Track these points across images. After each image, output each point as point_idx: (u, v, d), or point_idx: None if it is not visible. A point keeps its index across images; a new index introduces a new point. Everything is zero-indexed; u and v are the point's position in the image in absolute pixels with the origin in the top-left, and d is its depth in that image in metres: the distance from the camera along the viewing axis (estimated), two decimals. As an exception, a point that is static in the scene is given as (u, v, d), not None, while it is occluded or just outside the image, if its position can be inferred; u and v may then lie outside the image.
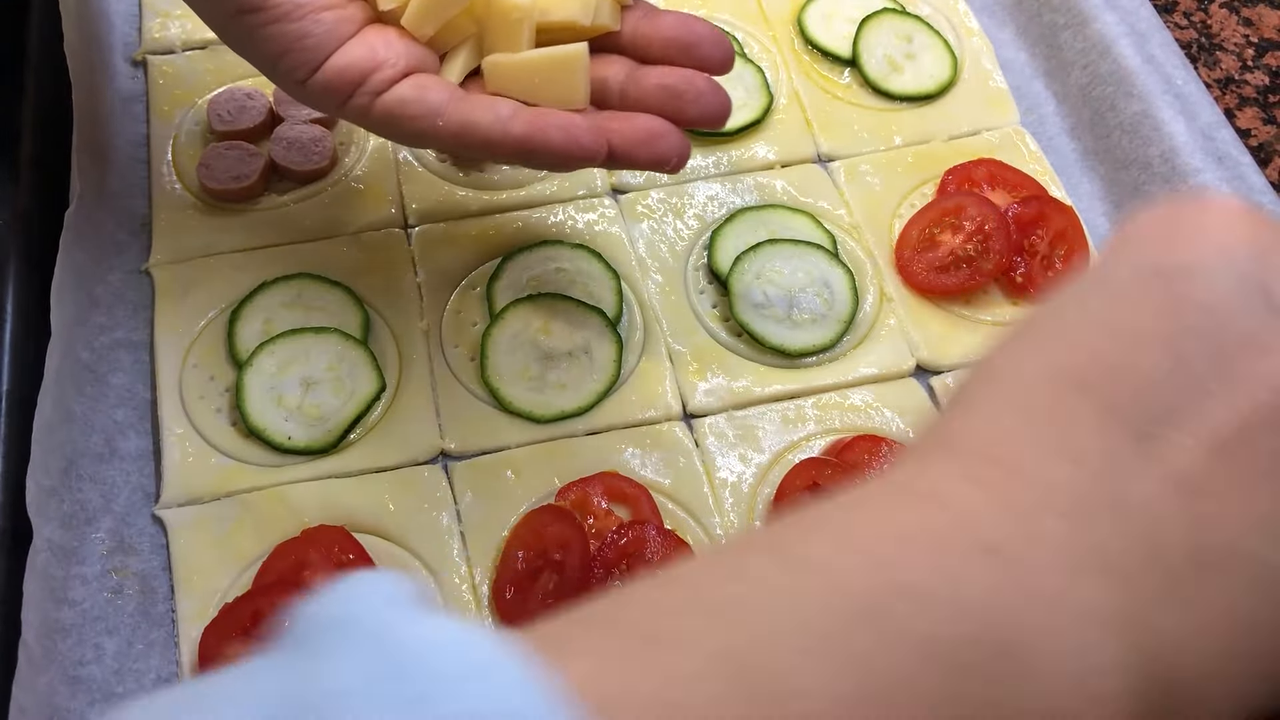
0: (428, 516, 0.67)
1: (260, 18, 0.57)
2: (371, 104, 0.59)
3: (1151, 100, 0.80)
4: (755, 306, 0.75)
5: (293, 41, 0.57)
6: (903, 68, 0.88)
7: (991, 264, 0.76)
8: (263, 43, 0.58)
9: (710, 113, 0.60)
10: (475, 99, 0.60)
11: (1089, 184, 0.84)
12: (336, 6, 0.59)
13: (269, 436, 0.68)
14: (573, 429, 0.71)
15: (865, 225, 0.80)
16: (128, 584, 0.64)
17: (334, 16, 0.59)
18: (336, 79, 0.58)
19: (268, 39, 0.58)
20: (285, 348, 0.71)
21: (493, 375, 0.71)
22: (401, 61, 0.59)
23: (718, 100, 0.60)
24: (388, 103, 0.59)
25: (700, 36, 0.61)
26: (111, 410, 0.70)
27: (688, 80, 0.60)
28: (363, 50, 0.58)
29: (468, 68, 0.63)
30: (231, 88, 0.82)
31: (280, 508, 0.66)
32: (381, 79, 0.59)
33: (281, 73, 0.59)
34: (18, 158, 0.74)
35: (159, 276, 0.75)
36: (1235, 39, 0.95)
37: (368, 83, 0.58)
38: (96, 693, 0.61)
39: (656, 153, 0.59)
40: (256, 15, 0.57)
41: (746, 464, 0.70)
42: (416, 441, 0.70)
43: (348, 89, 0.59)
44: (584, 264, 0.76)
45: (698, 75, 0.60)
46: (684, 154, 0.59)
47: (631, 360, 0.74)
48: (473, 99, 0.59)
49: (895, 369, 0.74)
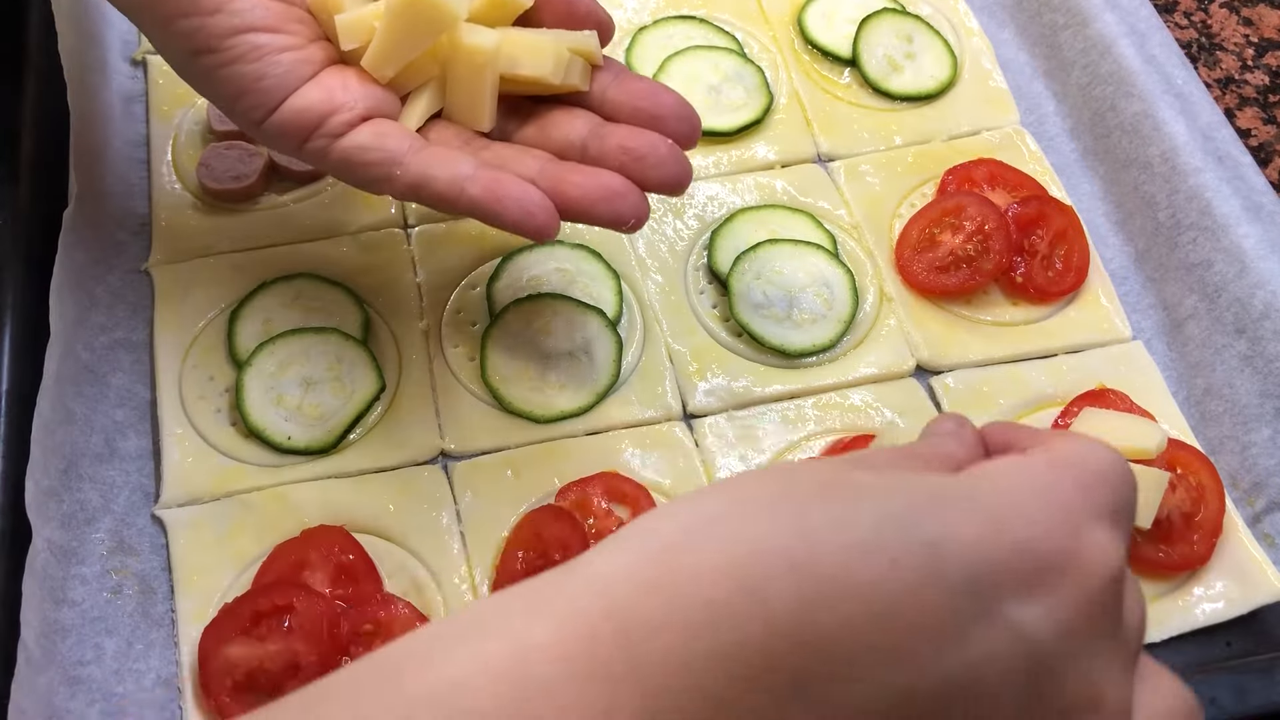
0: (428, 516, 0.67)
1: (216, 59, 0.57)
2: (329, 148, 0.58)
3: (1151, 100, 0.80)
4: (755, 306, 0.75)
5: (250, 83, 0.57)
6: (903, 68, 0.88)
7: (991, 264, 0.76)
8: (219, 84, 0.58)
9: (671, 180, 0.59)
10: (434, 152, 0.58)
11: (1089, 184, 0.84)
12: (296, 48, 0.58)
13: (269, 436, 0.68)
14: (573, 429, 0.71)
15: (865, 225, 0.80)
16: (127, 584, 0.64)
17: (293, 58, 0.58)
18: (293, 122, 0.58)
19: (224, 80, 0.57)
20: (285, 348, 0.70)
21: (493, 375, 0.71)
22: (361, 104, 0.58)
23: (679, 169, 0.60)
24: (345, 148, 0.58)
25: (667, 110, 0.60)
26: (111, 410, 0.69)
27: (651, 145, 0.59)
28: (320, 93, 0.58)
29: (429, 111, 0.61)
30: (231, 88, 0.82)
31: (280, 508, 0.66)
32: (339, 122, 0.58)
33: (239, 113, 0.59)
34: (18, 158, 0.74)
35: (159, 276, 0.75)
36: (1235, 39, 0.95)
37: (325, 126, 0.58)
38: (96, 693, 0.60)
39: (614, 211, 0.58)
40: (213, 57, 0.57)
41: (746, 464, 0.70)
42: (416, 441, 0.70)
43: (304, 132, 0.58)
44: (584, 264, 0.76)
45: (661, 141, 0.59)
46: (642, 215, 0.59)
47: (631, 360, 0.74)
48: (432, 152, 0.58)
49: (895, 369, 0.74)
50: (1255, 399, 0.70)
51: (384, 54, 0.59)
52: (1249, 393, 0.71)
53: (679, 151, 0.60)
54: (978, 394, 0.74)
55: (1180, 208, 0.77)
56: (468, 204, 0.57)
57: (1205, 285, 0.74)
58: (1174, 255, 0.77)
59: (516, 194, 0.56)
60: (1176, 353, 0.76)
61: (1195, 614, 0.66)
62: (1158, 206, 0.78)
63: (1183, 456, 0.69)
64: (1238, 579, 0.67)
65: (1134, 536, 0.66)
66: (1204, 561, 0.67)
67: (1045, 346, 0.76)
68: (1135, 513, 0.38)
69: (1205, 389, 0.73)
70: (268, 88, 0.57)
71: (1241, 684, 0.59)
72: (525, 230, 0.57)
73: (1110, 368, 0.75)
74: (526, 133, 0.62)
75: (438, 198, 0.58)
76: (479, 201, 0.57)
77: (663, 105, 0.61)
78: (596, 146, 0.60)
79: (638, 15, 0.90)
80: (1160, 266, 0.78)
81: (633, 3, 0.91)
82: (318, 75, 0.59)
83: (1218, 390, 0.73)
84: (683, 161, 0.60)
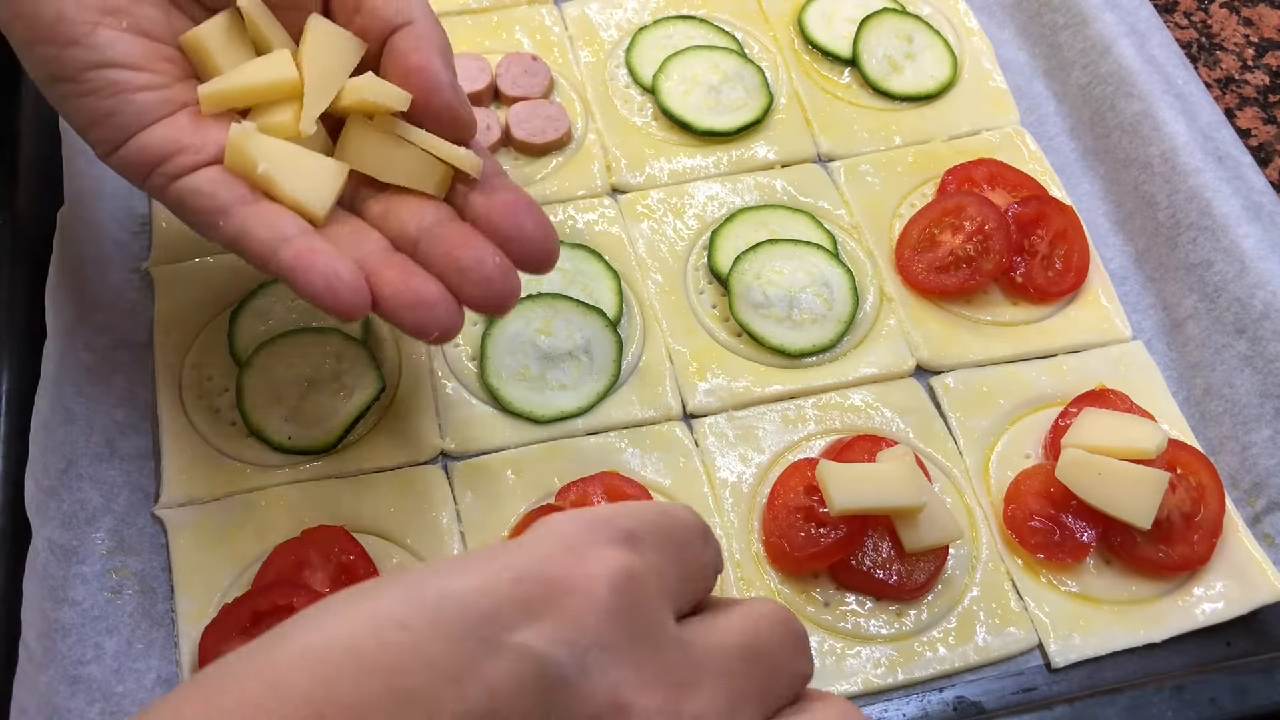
0: (428, 516, 0.67)
1: (71, 88, 0.57)
2: (166, 186, 0.58)
3: (1151, 100, 0.80)
4: (755, 306, 0.75)
5: (101, 117, 0.57)
6: (903, 68, 0.88)
7: (991, 264, 0.76)
8: (73, 112, 0.58)
9: (492, 301, 0.57)
10: (262, 210, 0.57)
11: (1089, 184, 0.84)
12: (156, 87, 0.58)
13: (269, 436, 0.68)
14: (573, 429, 0.71)
15: (865, 225, 0.80)
16: (127, 584, 0.64)
17: (151, 98, 0.58)
18: (136, 158, 0.58)
19: (77, 110, 0.58)
20: (285, 348, 0.71)
21: (493, 375, 0.71)
22: (212, 149, 0.58)
23: (503, 290, 0.57)
24: (180, 190, 0.58)
25: (521, 234, 0.58)
26: (111, 410, 0.69)
27: (477, 260, 0.57)
28: (169, 133, 0.58)
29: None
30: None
31: (280, 508, 0.67)
32: (181, 164, 0.58)
33: (89, 141, 0.59)
34: (16, 158, 0.74)
35: (159, 276, 0.75)
36: (1235, 39, 0.95)
37: (166, 165, 0.58)
38: (96, 692, 0.61)
39: (419, 320, 0.56)
40: (69, 85, 0.57)
41: (746, 464, 0.70)
42: (416, 441, 0.70)
43: (145, 169, 0.58)
44: (584, 264, 0.76)
45: (490, 257, 0.57)
46: (450, 329, 0.56)
47: (631, 360, 0.74)
48: (260, 209, 0.57)
49: (895, 369, 0.74)
50: (1255, 399, 0.70)
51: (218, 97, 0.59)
52: (1249, 393, 0.71)
53: (508, 272, 0.57)
54: (978, 394, 0.74)
55: (1180, 208, 0.77)
56: (276, 267, 0.56)
57: (1205, 285, 0.74)
58: (1174, 255, 0.77)
59: (323, 268, 0.55)
60: (1176, 353, 0.76)
61: (1195, 614, 0.66)
62: (1158, 206, 0.78)
63: (1183, 456, 0.69)
64: (1238, 579, 0.67)
65: (1134, 536, 0.66)
66: (1204, 561, 0.67)
67: (1045, 346, 0.76)
68: (670, 539, 0.38)
69: (1205, 389, 0.73)
70: (117, 124, 0.57)
71: (1241, 684, 0.59)
72: (328, 306, 0.55)
73: (1110, 368, 0.75)
74: (373, 208, 0.61)
75: (253, 255, 0.57)
76: (285, 267, 0.55)
77: (520, 228, 0.58)
78: (428, 246, 0.58)
79: (638, 15, 0.90)
80: (1160, 266, 0.78)
81: (633, 3, 0.91)
82: (173, 115, 0.59)
83: (1218, 390, 0.73)
84: (509, 283, 0.57)
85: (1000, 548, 0.68)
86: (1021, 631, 0.65)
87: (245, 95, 0.59)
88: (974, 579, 0.67)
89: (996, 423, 0.73)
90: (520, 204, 0.59)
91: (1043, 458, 0.71)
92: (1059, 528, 0.67)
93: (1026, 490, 0.68)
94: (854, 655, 0.64)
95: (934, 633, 0.65)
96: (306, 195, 0.58)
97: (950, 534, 0.65)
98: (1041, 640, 0.65)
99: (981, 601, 0.66)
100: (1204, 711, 0.58)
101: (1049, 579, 0.67)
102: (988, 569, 0.67)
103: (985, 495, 0.70)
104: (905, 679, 0.64)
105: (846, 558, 0.65)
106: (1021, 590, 0.67)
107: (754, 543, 0.67)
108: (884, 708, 0.63)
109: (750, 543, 0.67)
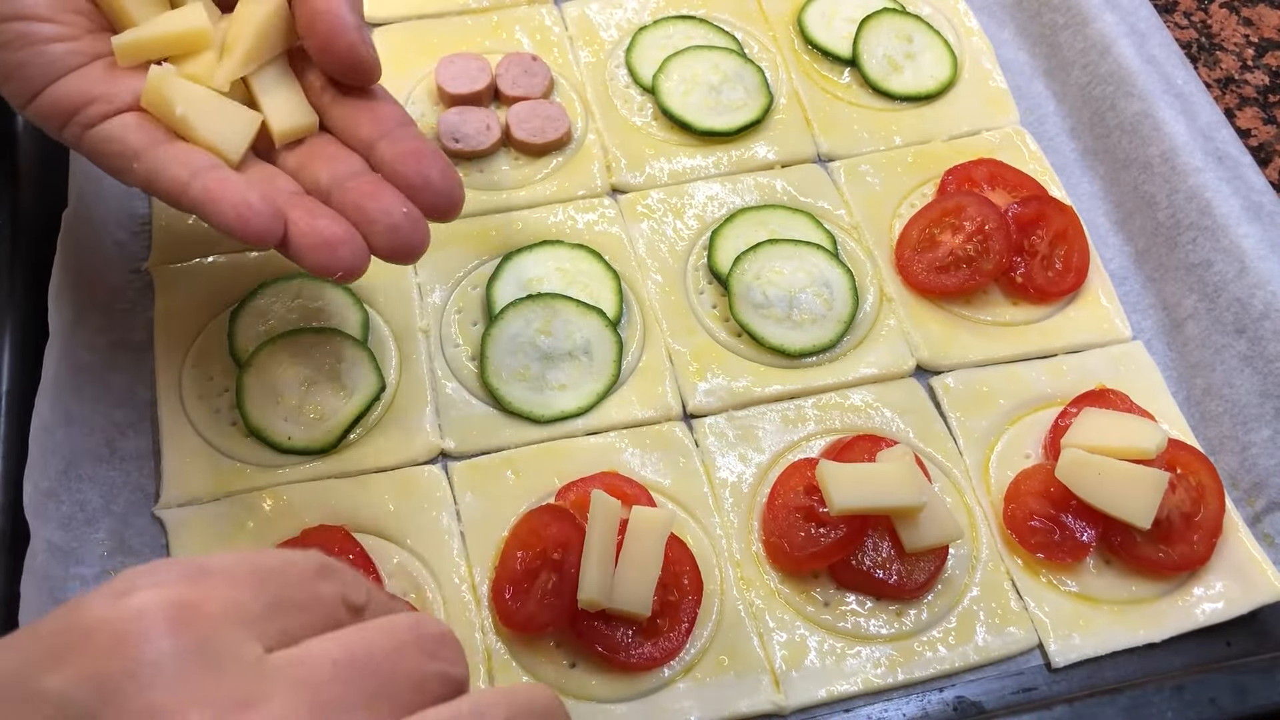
0: (428, 516, 0.67)
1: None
2: (81, 135, 0.59)
3: (1151, 100, 0.80)
4: (755, 306, 0.75)
5: (12, 70, 0.58)
6: (903, 68, 0.88)
7: (991, 264, 0.76)
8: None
9: (399, 250, 0.58)
10: (174, 150, 0.58)
11: (1089, 184, 0.84)
12: (67, 38, 0.59)
13: (269, 436, 0.68)
14: (573, 429, 0.71)
15: (865, 225, 0.80)
16: (127, 584, 0.64)
17: (62, 49, 0.59)
18: (50, 109, 0.59)
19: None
20: (285, 348, 0.71)
21: (493, 375, 0.71)
22: (126, 97, 0.59)
23: (413, 238, 0.58)
24: (93, 138, 0.59)
25: (426, 182, 0.59)
26: (111, 410, 0.69)
27: (384, 211, 0.58)
28: (82, 84, 0.59)
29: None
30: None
31: (280, 508, 0.66)
32: (94, 113, 0.59)
33: (4, 94, 0.60)
34: (17, 158, 0.74)
35: (159, 276, 0.75)
36: (1235, 39, 0.95)
37: (80, 115, 0.58)
38: (96, 693, 0.60)
39: (323, 261, 0.57)
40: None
41: (746, 464, 0.70)
42: (416, 441, 0.70)
43: (60, 119, 0.59)
44: (584, 264, 0.76)
45: (397, 207, 0.58)
46: (353, 269, 0.57)
47: (631, 360, 0.74)
48: (172, 150, 0.58)
49: (895, 369, 0.74)
50: (1255, 399, 0.70)
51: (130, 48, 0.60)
52: (1249, 393, 0.71)
53: (417, 221, 0.58)
54: (978, 394, 0.74)
55: (1180, 208, 0.77)
56: (189, 201, 0.57)
57: (1205, 285, 0.74)
58: (1174, 255, 0.77)
59: (234, 197, 0.56)
60: (1176, 353, 0.76)
61: (1195, 614, 0.66)
62: (1158, 206, 0.78)
63: (1183, 456, 0.69)
64: (1238, 579, 0.67)
65: (1134, 536, 0.66)
66: (1204, 561, 0.67)
67: (1045, 346, 0.76)
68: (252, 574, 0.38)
69: (1205, 389, 0.73)
70: (28, 75, 0.58)
71: (1241, 684, 0.59)
72: (239, 233, 0.56)
73: (1110, 368, 0.75)
74: (288, 160, 0.62)
75: (166, 192, 0.58)
76: (197, 199, 0.56)
77: (424, 176, 0.59)
78: (339, 197, 0.59)
79: (638, 15, 0.90)
80: (1160, 266, 0.78)
81: (633, 3, 0.91)
82: (86, 66, 0.59)
83: (1217, 390, 0.73)
84: (418, 232, 0.58)
85: (1000, 547, 0.68)
86: (1021, 631, 0.65)
87: (159, 45, 0.60)
88: (974, 579, 0.67)
89: (996, 423, 0.73)
90: (425, 153, 0.60)
91: (1043, 458, 0.71)
92: (1059, 528, 0.67)
93: (1026, 490, 0.68)
94: (854, 655, 0.64)
95: (934, 632, 0.65)
96: (221, 139, 0.59)
97: (950, 534, 0.65)
98: (1041, 640, 0.65)
99: (981, 601, 0.66)
100: (1204, 711, 0.58)
101: (1049, 579, 0.67)
102: (988, 569, 0.67)
103: (985, 495, 0.70)
104: (905, 679, 0.64)
105: (846, 557, 0.65)
106: (1021, 590, 0.67)
107: (754, 543, 0.67)
108: (884, 707, 0.63)
109: (750, 543, 0.67)
